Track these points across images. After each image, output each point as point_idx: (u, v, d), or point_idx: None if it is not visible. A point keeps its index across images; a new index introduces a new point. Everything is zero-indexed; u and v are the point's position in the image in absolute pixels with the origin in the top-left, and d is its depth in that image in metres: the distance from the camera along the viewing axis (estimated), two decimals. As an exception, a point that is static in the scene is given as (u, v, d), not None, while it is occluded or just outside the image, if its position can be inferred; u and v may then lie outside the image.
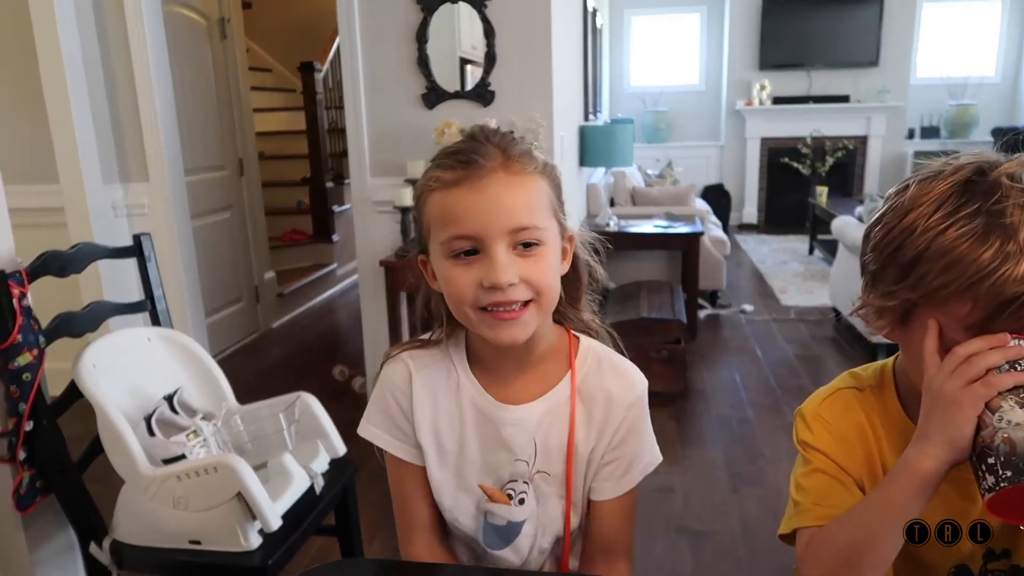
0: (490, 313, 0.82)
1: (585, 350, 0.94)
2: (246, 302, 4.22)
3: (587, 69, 4.76)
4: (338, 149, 5.54)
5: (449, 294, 0.85)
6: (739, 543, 2.16)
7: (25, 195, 2.90)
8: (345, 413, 1.53)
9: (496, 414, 0.91)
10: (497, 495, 0.92)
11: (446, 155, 0.85)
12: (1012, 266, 0.65)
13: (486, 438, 0.92)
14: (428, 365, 0.94)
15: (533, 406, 0.91)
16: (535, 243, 0.82)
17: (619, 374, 0.93)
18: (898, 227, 0.72)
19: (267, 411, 1.66)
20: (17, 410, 1.50)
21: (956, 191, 0.69)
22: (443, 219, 0.82)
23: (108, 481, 1.53)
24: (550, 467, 0.92)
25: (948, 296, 0.68)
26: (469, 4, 2.85)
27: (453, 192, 0.81)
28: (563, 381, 0.92)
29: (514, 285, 0.81)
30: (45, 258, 1.55)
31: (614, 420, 0.92)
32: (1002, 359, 0.66)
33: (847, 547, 0.73)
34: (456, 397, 0.93)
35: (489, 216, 0.80)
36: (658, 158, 7.40)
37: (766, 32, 7.17)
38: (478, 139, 0.84)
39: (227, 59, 4.06)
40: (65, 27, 2.77)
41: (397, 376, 0.94)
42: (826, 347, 3.92)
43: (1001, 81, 7.36)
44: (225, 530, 1.41)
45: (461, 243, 0.81)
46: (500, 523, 0.92)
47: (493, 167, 0.81)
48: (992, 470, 0.65)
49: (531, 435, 0.91)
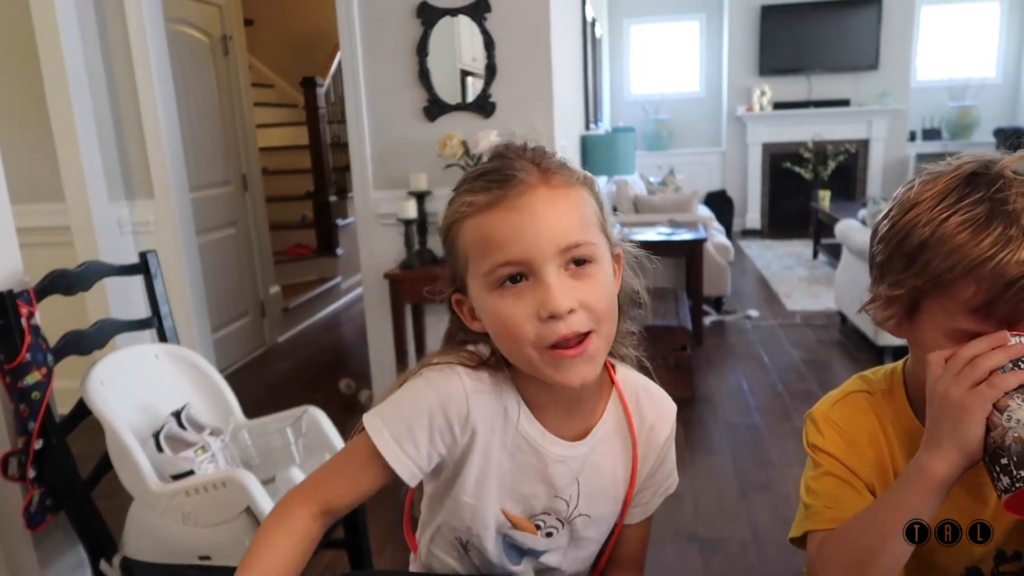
0: (554, 351, 0.72)
1: (624, 383, 0.87)
2: (252, 317, 4.23)
3: (587, 78, 4.78)
4: (341, 163, 5.56)
5: (502, 333, 0.75)
6: (750, 550, 2.15)
7: (31, 214, 2.93)
8: (352, 426, 1.53)
9: (546, 448, 0.83)
10: (523, 524, 0.86)
11: (475, 177, 0.76)
12: (1014, 248, 0.66)
13: (527, 469, 0.84)
14: (482, 389, 0.81)
15: (579, 444, 0.84)
16: (588, 261, 0.73)
17: (656, 406, 0.88)
18: (904, 219, 0.74)
19: (274, 425, 1.67)
20: (26, 429, 1.50)
21: (960, 183, 0.72)
22: (483, 247, 0.73)
23: (117, 498, 1.53)
24: (592, 509, 0.87)
25: (952, 280, 0.70)
26: (469, 17, 2.87)
27: (491, 215, 0.73)
28: (605, 416, 0.85)
29: (574, 312, 0.72)
30: (53, 277, 1.56)
31: (653, 453, 0.88)
32: (1005, 359, 0.67)
33: (860, 551, 0.73)
34: (504, 425, 0.82)
35: (536, 236, 0.71)
36: (660, 165, 7.41)
37: (765, 38, 7.20)
38: (508, 156, 0.76)
39: (230, 76, 4.10)
40: (69, 46, 2.80)
41: (454, 390, 0.80)
42: (832, 351, 3.91)
43: (1002, 82, 7.36)
44: (235, 545, 1.41)
45: (506, 270, 0.72)
46: (521, 546, 0.88)
47: (532, 182, 0.73)
48: (1007, 471, 0.65)
49: (575, 475, 0.84)
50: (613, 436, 0.86)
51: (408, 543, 1.00)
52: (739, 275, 5.58)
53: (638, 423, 0.86)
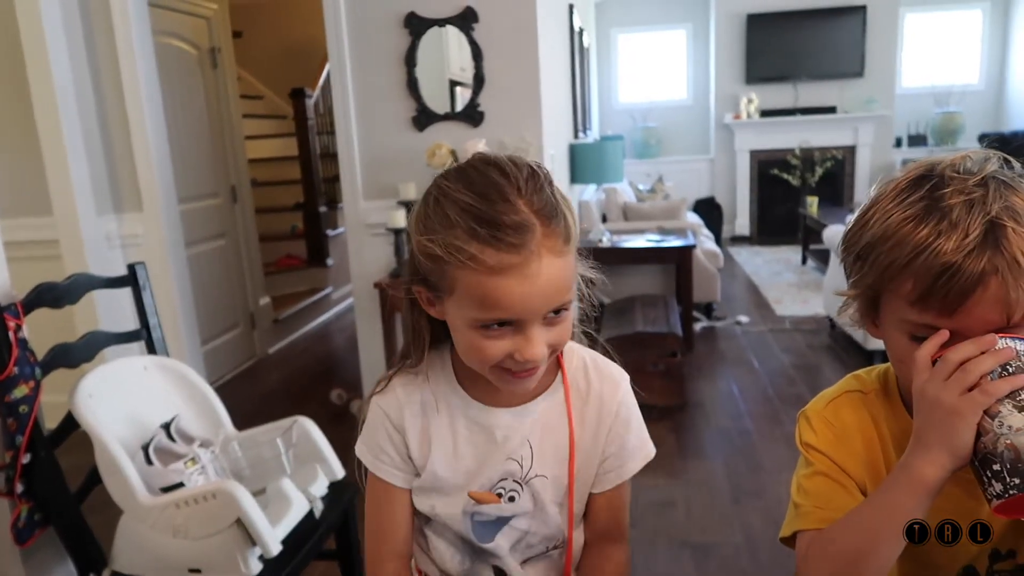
0: (509, 372, 0.82)
1: (570, 353, 0.95)
2: (242, 328, 4.22)
3: (575, 87, 4.80)
4: (330, 173, 5.56)
5: (470, 355, 0.83)
6: (742, 555, 2.15)
7: (19, 228, 2.91)
8: (343, 436, 1.53)
9: (489, 420, 0.91)
10: (485, 497, 0.92)
11: (479, 221, 0.76)
12: (944, 240, 0.69)
13: (479, 446, 0.92)
14: (416, 390, 0.93)
15: (526, 408, 0.92)
16: (564, 309, 0.82)
17: (604, 374, 0.95)
18: (859, 222, 0.79)
19: (264, 436, 1.67)
20: (14, 443, 1.50)
21: (907, 185, 0.76)
22: (481, 303, 0.78)
23: (107, 512, 1.52)
24: (547, 470, 0.92)
25: (894, 274, 0.73)
26: (456, 27, 2.89)
27: (497, 280, 0.76)
28: (554, 385, 0.93)
29: (544, 356, 0.82)
30: (40, 290, 1.56)
31: (607, 419, 0.94)
32: (994, 363, 0.67)
33: (848, 551, 0.74)
34: (448, 415, 0.92)
35: (534, 303, 0.78)
36: (649, 173, 7.45)
37: (751, 46, 7.25)
38: (510, 198, 0.77)
39: (218, 88, 4.10)
40: (57, 60, 2.80)
41: (388, 407, 0.93)
42: (822, 355, 3.93)
43: (985, 88, 7.45)
44: (225, 557, 1.41)
45: (496, 322, 0.79)
46: (490, 519, 0.93)
47: (538, 251, 0.76)
48: (999, 477, 0.66)
49: (525, 436, 0.92)
50: (563, 404, 0.93)
51: None
52: (729, 281, 5.61)
53: (583, 389, 0.94)
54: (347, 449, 1.19)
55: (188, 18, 3.85)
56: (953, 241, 0.69)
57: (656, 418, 3.09)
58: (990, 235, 0.68)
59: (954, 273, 0.68)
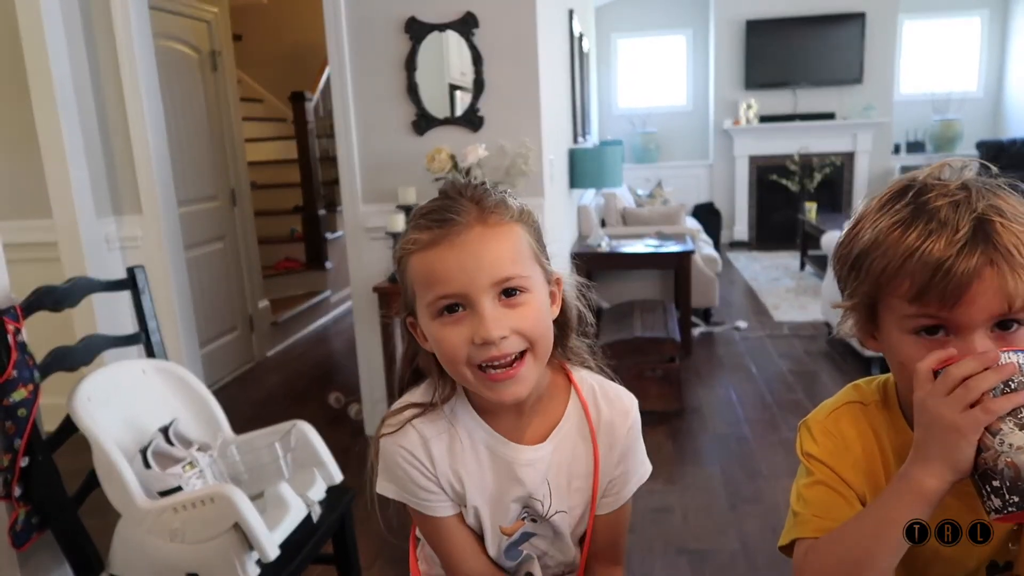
0: (487, 374, 0.82)
1: (580, 381, 0.95)
2: (240, 331, 4.21)
3: (575, 92, 4.81)
4: (330, 177, 5.56)
5: (442, 354, 0.84)
6: (739, 561, 2.15)
7: (18, 230, 2.91)
8: (341, 440, 1.53)
9: (510, 454, 0.92)
10: (513, 529, 0.96)
11: (421, 215, 0.84)
12: (935, 240, 0.70)
13: (502, 481, 0.93)
14: (439, 431, 0.92)
15: (543, 447, 0.93)
16: (520, 291, 0.82)
17: (614, 401, 0.96)
18: (848, 235, 0.81)
19: (263, 440, 1.67)
20: (12, 446, 1.49)
21: (891, 196, 0.77)
22: (426, 281, 0.82)
23: (104, 515, 1.52)
24: (565, 505, 0.94)
25: (890, 278, 0.74)
26: (457, 32, 2.89)
27: (432, 252, 0.81)
28: (566, 416, 0.94)
29: (506, 338, 0.81)
30: (39, 293, 1.56)
31: (617, 447, 0.95)
32: (997, 380, 0.67)
33: (846, 561, 0.74)
34: (472, 446, 0.92)
35: (471, 271, 0.80)
36: (648, 178, 7.46)
37: (751, 52, 7.27)
38: (451, 195, 0.84)
39: (218, 91, 4.10)
40: (57, 61, 2.80)
41: (413, 446, 0.91)
42: (820, 362, 3.93)
43: (984, 96, 7.47)
44: (223, 561, 1.41)
45: (445, 301, 0.81)
46: (515, 540, 0.96)
47: (469, 222, 0.81)
48: (998, 493, 0.66)
49: (543, 475, 0.93)
50: (575, 434, 0.94)
51: (412, 571, 1.08)
52: (727, 287, 5.61)
53: (595, 418, 0.94)
54: (345, 453, 1.19)
55: (189, 21, 3.86)
56: (944, 239, 0.70)
57: (654, 423, 3.09)
58: (979, 231, 0.69)
59: (948, 270, 0.69)
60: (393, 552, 2.12)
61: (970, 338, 0.71)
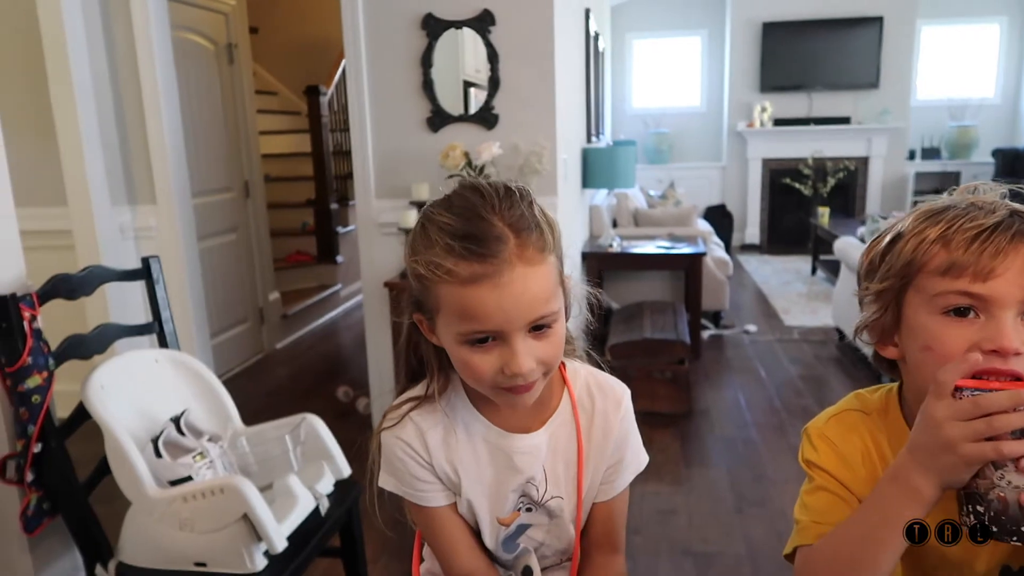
0: (506, 389, 0.84)
1: (573, 373, 0.98)
2: (251, 323, 4.23)
3: (589, 92, 4.80)
4: (343, 171, 5.58)
5: (465, 372, 0.86)
6: (744, 565, 2.15)
7: (34, 218, 2.93)
8: (350, 434, 1.53)
9: (507, 444, 0.94)
10: (509, 520, 0.97)
11: (454, 237, 0.79)
12: (972, 217, 0.74)
13: (499, 470, 0.95)
14: (435, 422, 0.94)
15: (539, 434, 0.95)
16: (548, 325, 0.83)
17: (606, 391, 0.98)
18: (876, 239, 0.84)
19: (273, 433, 1.68)
20: (26, 432, 1.51)
21: (926, 210, 0.80)
22: (460, 314, 0.80)
23: (115, 503, 1.54)
24: (560, 491, 0.96)
25: (924, 250, 0.75)
26: (473, 29, 2.89)
27: (471, 291, 0.78)
28: (560, 406, 0.96)
29: (533, 369, 0.82)
30: (55, 281, 1.57)
31: (610, 435, 0.97)
32: (1021, 423, 0.65)
33: (842, 564, 0.74)
34: (468, 439, 0.94)
35: (510, 311, 0.79)
36: (660, 179, 7.44)
37: (766, 55, 7.24)
38: (482, 213, 0.80)
39: (234, 83, 4.12)
40: (75, 52, 2.82)
41: (410, 437, 0.93)
42: (830, 367, 3.92)
43: (1001, 102, 7.41)
44: (231, 552, 1.42)
45: (479, 335, 0.81)
46: (511, 532, 0.98)
47: (510, 259, 0.78)
48: (977, 516, 0.67)
49: (540, 463, 0.95)
50: (570, 423, 0.96)
51: (414, 570, 1.09)
52: (738, 290, 5.59)
53: (588, 408, 0.97)
54: (353, 447, 1.20)
55: (206, 13, 3.87)
56: (982, 215, 0.73)
57: (661, 425, 3.09)
58: (1015, 215, 0.74)
59: (989, 235, 0.71)
60: (399, 547, 2.13)
61: (1001, 319, 0.71)
